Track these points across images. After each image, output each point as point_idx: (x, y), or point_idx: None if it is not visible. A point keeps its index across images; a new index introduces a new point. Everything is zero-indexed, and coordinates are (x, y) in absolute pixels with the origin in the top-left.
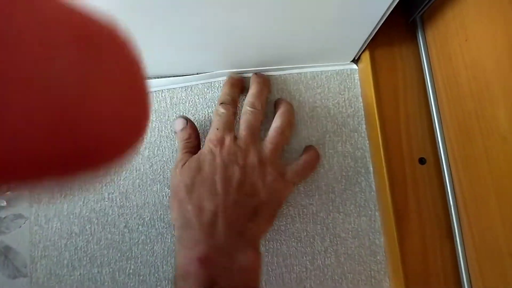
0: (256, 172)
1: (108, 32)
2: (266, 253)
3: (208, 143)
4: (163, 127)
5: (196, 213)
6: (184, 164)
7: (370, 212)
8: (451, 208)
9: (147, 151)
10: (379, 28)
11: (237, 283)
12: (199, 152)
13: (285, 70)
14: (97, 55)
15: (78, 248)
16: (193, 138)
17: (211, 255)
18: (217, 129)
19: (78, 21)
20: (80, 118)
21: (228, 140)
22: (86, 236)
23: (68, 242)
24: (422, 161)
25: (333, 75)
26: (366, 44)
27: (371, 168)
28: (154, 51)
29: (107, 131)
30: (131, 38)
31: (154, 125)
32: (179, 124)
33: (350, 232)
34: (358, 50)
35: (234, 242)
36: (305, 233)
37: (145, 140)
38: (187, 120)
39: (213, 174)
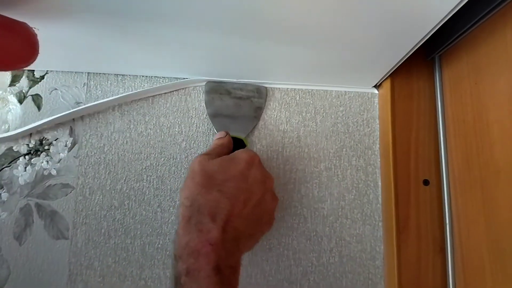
0: (268, 197)
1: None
2: (278, 246)
3: (243, 153)
4: (201, 124)
5: (214, 204)
6: (215, 158)
7: (374, 222)
8: (446, 227)
9: (184, 143)
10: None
11: (229, 274)
12: (232, 155)
13: (313, 86)
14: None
15: (116, 220)
16: (226, 148)
17: (220, 244)
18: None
19: None
20: None
21: (257, 161)
22: (124, 210)
23: (107, 214)
24: (426, 182)
25: (355, 97)
26: (388, 74)
27: (380, 183)
28: (234, 61)
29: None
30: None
31: (193, 121)
32: (221, 134)
33: (354, 237)
34: (380, 78)
35: (237, 244)
36: (314, 233)
37: (183, 133)
38: (227, 133)
39: (242, 182)
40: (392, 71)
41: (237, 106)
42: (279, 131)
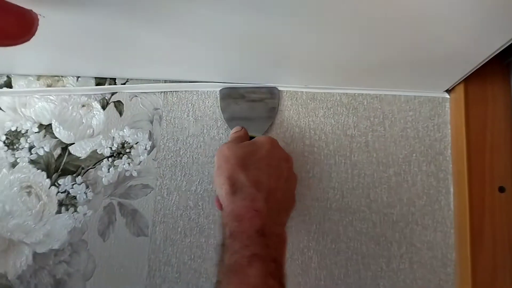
0: (292, 174)
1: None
2: (347, 250)
3: (263, 138)
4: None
5: (255, 179)
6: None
7: (446, 229)
8: None
9: None
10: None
11: (274, 241)
12: (253, 140)
13: (381, 91)
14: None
15: (191, 219)
16: (244, 139)
17: (265, 211)
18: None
19: None
20: None
21: (277, 143)
22: (198, 211)
23: (183, 213)
24: (501, 189)
25: (426, 101)
26: (463, 78)
27: (452, 190)
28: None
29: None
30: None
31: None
32: (237, 128)
33: (425, 244)
34: (454, 82)
35: (278, 215)
36: (383, 238)
37: None
38: (243, 127)
39: (272, 161)
40: (467, 75)
41: (251, 109)
42: (347, 136)
